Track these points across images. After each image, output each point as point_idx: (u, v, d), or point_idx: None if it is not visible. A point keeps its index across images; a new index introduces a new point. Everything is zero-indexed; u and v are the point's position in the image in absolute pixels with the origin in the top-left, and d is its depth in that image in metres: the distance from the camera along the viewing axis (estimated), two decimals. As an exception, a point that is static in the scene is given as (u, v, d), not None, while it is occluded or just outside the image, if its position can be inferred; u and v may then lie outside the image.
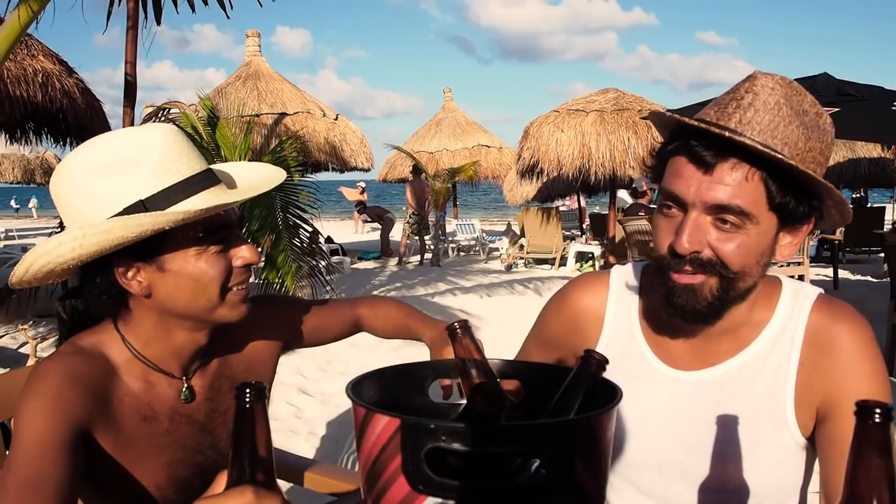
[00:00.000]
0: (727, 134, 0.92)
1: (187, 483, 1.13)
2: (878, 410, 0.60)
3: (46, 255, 1.01)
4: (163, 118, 6.50)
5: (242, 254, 1.08)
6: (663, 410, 1.11)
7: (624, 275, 1.22)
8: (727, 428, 1.08)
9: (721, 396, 1.08)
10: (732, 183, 0.93)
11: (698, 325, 1.05)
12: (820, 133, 0.96)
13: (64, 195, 1.03)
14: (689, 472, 1.09)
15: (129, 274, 1.03)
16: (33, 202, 33.33)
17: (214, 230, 1.04)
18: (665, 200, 1.00)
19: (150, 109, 7.15)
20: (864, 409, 0.61)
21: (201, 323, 1.10)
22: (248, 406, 0.73)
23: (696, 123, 0.96)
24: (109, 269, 1.03)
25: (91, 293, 1.07)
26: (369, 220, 16.80)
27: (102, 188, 1.00)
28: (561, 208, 13.68)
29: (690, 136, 0.96)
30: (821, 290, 1.11)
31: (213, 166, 1.12)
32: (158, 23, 5.74)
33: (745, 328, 1.09)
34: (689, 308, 1.00)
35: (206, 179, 1.06)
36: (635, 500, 1.16)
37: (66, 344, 1.09)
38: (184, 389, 1.14)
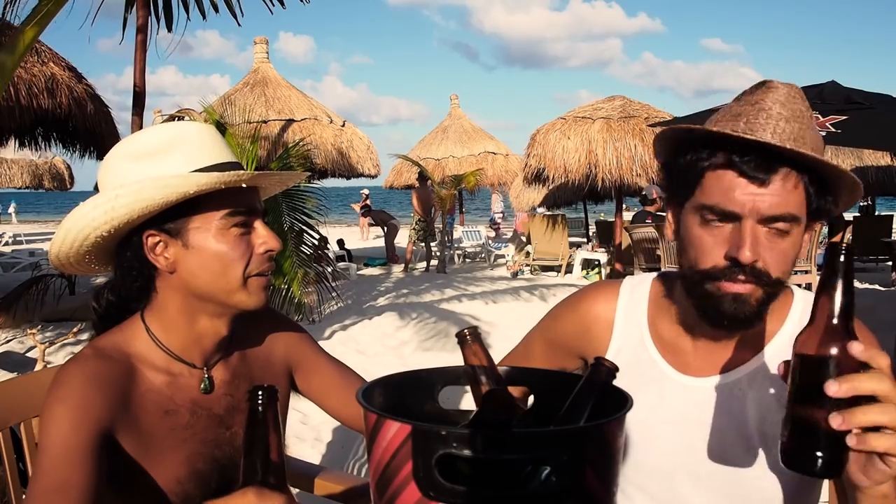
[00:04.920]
0: (789, 146, 0.93)
1: (206, 477, 1.14)
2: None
3: (83, 218, 1.06)
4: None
5: (265, 240, 1.12)
6: (674, 416, 1.12)
7: (635, 284, 1.24)
8: (738, 434, 1.08)
9: (732, 402, 1.09)
10: (784, 193, 0.96)
11: (737, 332, 1.06)
12: (817, 133, 1.00)
13: (104, 181, 1.09)
14: (701, 478, 1.10)
15: (158, 249, 1.08)
16: (13, 207, 33.01)
17: (239, 213, 1.09)
18: (711, 214, 1.00)
19: (158, 116, 7.19)
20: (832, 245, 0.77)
21: (222, 308, 1.13)
22: (259, 409, 0.74)
23: (749, 138, 0.95)
24: (139, 244, 1.08)
25: (122, 269, 1.12)
26: (374, 223, 16.87)
27: (139, 172, 1.06)
28: None
29: (734, 154, 0.97)
30: None
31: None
32: (169, 29, 5.77)
33: (757, 336, 1.10)
34: (739, 316, 1.00)
35: (235, 167, 1.11)
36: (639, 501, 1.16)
37: (88, 347, 1.11)
38: (204, 379, 1.17)
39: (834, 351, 0.75)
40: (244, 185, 1.09)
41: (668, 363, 1.15)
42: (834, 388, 0.73)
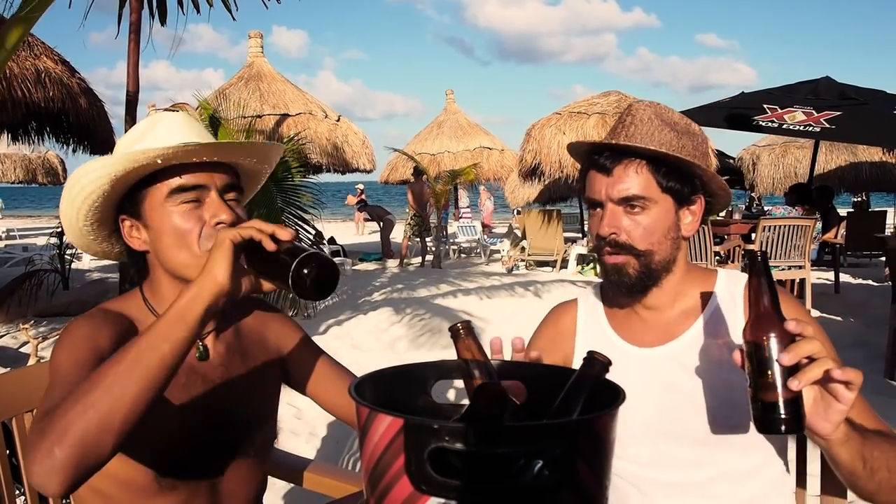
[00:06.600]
0: (614, 142, 1.23)
1: (197, 439, 1.20)
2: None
3: (66, 214, 1.17)
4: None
5: (215, 212, 1.14)
6: (640, 387, 1.24)
7: (589, 290, 1.46)
8: (700, 388, 1.22)
9: (687, 362, 1.25)
10: (626, 178, 1.22)
11: (635, 296, 1.28)
12: (690, 136, 1.26)
13: None
14: (679, 436, 1.23)
15: (133, 232, 1.18)
16: None
17: (184, 189, 1.13)
18: (589, 206, 1.29)
19: (153, 110, 7.16)
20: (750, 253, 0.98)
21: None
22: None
23: (596, 142, 1.25)
24: (120, 229, 1.19)
25: (125, 253, 1.24)
26: (370, 218, 16.85)
27: None
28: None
29: (595, 154, 1.26)
30: None
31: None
32: (163, 23, 5.74)
33: (692, 305, 1.30)
34: (620, 282, 1.25)
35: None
36: (624, 469, 1.27)
37: (94, 309, 1.20)
38: (199, 347, 1.23)
39: (774, 333, 0.95)
40: (196, 160, 1.12)
41: (626, 341, 1.32)
42: (786, 359, 0.93)
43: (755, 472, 1.24)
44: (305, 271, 0.93)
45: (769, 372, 0.94)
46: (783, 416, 0.93)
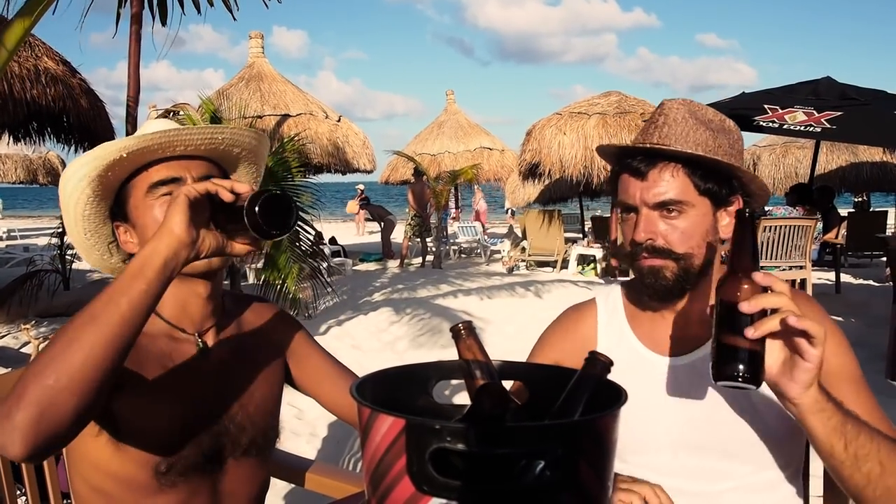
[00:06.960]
0: (648, 145, 1.19)
1: (197, 435, 1.19)
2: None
3: (70, 230, 1.22)
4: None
5: None
6: (662, 395, 1.22)
7: (607, 293, 1.40)
8: (722, 398, 1.19)
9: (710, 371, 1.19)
10: (662, 182, 1.17)
11: (671, 300, 1.23)
12: (726, 133, 1.22)
13: None
14: (695, 444, 1.21)
15: (127, 237, 1.20)
16: None
17: (161, 183, 1.15)
18: (621, 210, 1.25)
19: (153, 111, 7.17)
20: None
21: (184, 275, 1.16)
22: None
23: (627, 145, 1.22)
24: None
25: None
26: (370, 218, 16.86)
27: None
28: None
29: (627, 157, 1.21)
30: None
31: None
32: (164, 23, 5.74)
33: None
34: (657, 285, 1.20)
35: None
36: (643, 476, 1.24)
37: None
38: (199, 344, 1.23)
39: (745, 285, 0.94)
40: (162, 154, 1.13)
41: (651, 350, 1.27)
42: (746, 307, 0.92)
43: (772, 486, 1.22)
44: (257, 209, 0.96)
45: (730, 321, 0.93)
46: (740, 366, 0.93)
